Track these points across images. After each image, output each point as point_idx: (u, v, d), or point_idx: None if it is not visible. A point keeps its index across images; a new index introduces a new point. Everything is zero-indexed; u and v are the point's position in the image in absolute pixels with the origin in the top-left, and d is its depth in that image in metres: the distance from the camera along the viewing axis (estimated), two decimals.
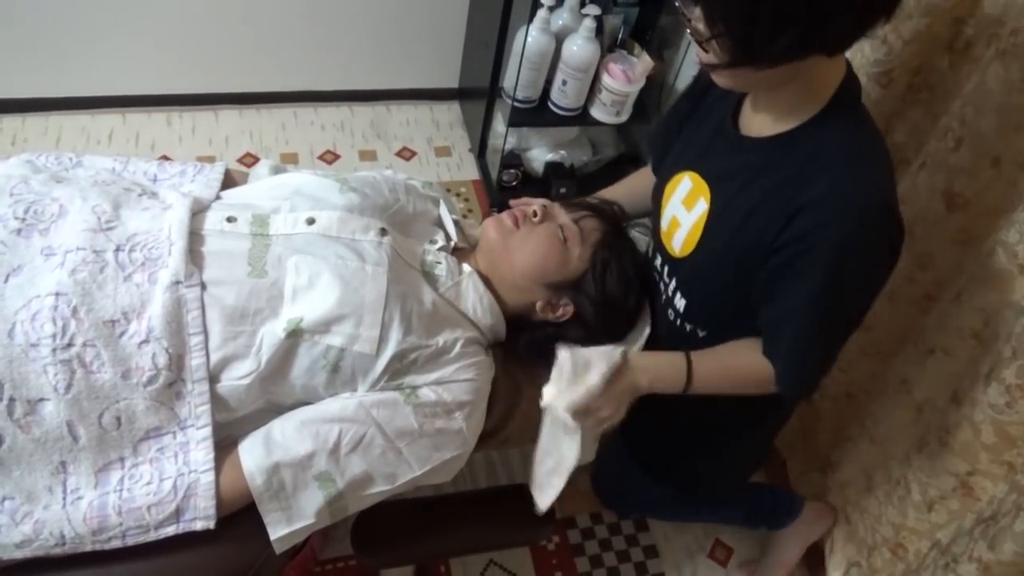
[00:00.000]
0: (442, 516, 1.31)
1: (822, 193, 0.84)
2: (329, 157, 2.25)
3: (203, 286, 0.90)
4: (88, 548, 0.84)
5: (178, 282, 0.88)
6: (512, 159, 2.15)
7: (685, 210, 1.02)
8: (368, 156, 2.28)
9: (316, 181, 1.05)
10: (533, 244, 1.08)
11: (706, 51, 0.83)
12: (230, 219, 0.98)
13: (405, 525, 1.26)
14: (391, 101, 2.44)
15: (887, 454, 1.31)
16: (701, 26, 0.80)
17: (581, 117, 2.01)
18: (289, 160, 2.21)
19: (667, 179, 1.08)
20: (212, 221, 0.97)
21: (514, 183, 2.17)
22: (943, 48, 1.16)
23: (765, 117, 0.93)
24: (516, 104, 1.96)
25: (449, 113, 2.47)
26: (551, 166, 2.16)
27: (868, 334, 1.39)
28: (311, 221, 0.99)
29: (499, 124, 2.11)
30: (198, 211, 0.98)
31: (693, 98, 1.10)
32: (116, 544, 0.85)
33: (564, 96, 1.94)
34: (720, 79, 0.87)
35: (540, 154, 2.18)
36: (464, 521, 1.31)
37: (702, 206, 0.99)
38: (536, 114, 2.01)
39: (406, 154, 2.32)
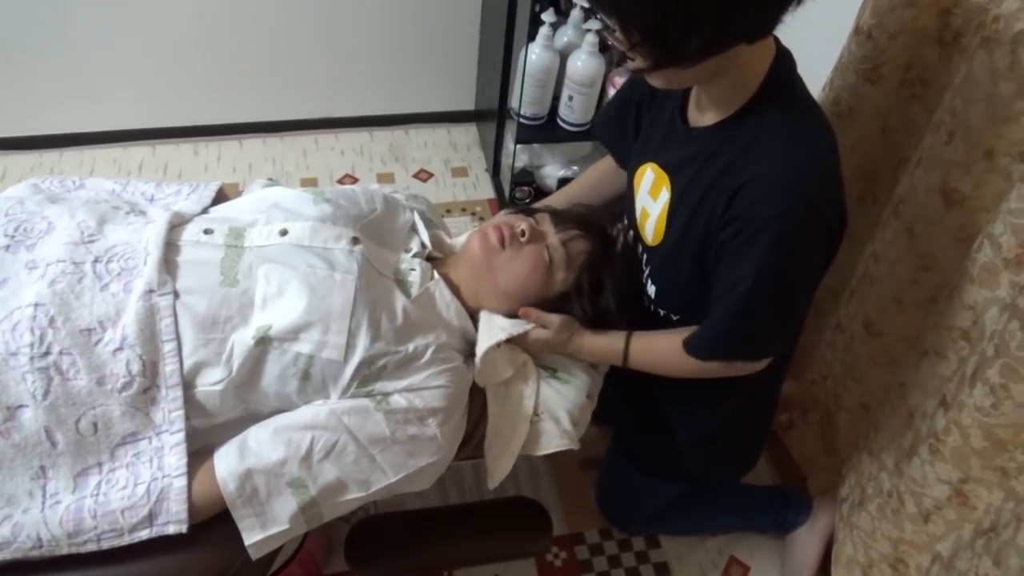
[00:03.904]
0: (438, 528, 1.31)
1: (757, 173, 0.88)
2: (348, 181, 2.30)
3: (176, 294, 0.92)
4: (64, 551, 0.86)
5: (151, 291, 0.91)
6: (524, 176, 2.16)
7: (651, 200, 1.06)
8: (386, 178, 2.33)
9: (293, 195, 1.08)
10: (517, 267, 1.07)
11: (632, 59, 0.86)
12: (207, 231, 1.01)
13: (400, 537, 1.26)
14: (410, 125, 2.49)
15: (880, 465, 1.25)
16: (620, 35, 0.82)
17: (589, 132, 2.01)
18: (309, 185, 2.27)
19: (633, 171, 1.12)
20: (190, 233, 1.00)
21: (527, 200, 2.18)
22: (932, 40, 1.12)
23: (706, 107, 0.97)
24: (523, 121, 1.98)
25: (466, 135, 2.51)
26: (564, 182, 2.16)
27: (878, 340, 1.33)
28: (284, 232, 1.01)
29: (510, 143, 2.12)
30: (178, 224, 1.02)
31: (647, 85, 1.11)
32: (91, 547, 0.87)
33: (571, 112, 1.95)
34: (653, 81, 0.91)
35: (553, 171, 2.18)
36: (460, 532, 1.30)
37: (665, 196, 1.03)
38: (544, 131, 2.02)
39: (423, 176, 2.36)
